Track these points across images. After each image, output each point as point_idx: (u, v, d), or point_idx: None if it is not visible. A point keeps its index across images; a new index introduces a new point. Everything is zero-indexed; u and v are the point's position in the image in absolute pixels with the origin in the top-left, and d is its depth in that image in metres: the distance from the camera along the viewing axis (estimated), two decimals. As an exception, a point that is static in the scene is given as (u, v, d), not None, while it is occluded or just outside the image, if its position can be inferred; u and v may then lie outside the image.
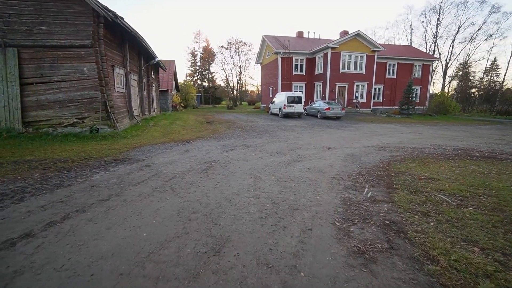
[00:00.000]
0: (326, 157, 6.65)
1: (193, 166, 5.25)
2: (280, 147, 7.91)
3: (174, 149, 7.07)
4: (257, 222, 2.90)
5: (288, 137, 10.06)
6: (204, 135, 9.91)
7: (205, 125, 13.21)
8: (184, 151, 6.82)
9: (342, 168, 5.62)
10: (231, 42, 49.42)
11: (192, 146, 7.52)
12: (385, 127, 15.08)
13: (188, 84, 36.62)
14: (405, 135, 11.54)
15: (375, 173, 5.24)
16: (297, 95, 18.66)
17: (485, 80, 40.51)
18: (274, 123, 15.12)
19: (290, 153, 6.96)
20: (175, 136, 9.24)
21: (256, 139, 9.38)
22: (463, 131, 14.31)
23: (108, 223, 2.80)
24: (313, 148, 7.91)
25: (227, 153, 6.70)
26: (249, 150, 7.14)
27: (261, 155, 6.59)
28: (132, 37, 10.25)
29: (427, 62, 29.41)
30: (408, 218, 3.07)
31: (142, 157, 5.95)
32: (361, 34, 23.05)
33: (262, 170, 5.11)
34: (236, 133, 10.75)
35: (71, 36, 7.55)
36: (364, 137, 10.78)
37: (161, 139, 8.50)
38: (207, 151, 6.91)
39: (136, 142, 7.73)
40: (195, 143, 8.14)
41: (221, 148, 7.31)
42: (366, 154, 7.29)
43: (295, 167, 5.48)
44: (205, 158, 6.07)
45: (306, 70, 26.14)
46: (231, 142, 8.42)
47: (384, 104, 28.11)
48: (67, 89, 7.78)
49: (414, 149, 8.18)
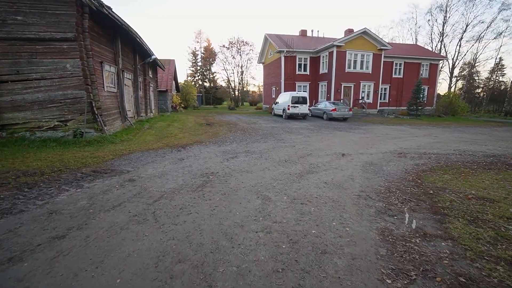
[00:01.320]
0: (343, 167, 5.71)
1: (187, 181, 4.32)
2: (288, 153, 6.99)
3: (168, 156, 6.15)
4: (271, 282, 1.97)
5: (295, 141, 9.13)
6: (203, 139, 8.99)
7: (204, 128, 12.29)
8: (178, 159, 5.89)
9: (365, 181, 4.68)
10: (233, 42, 48.53)
11: (188, 153, 6.59)
12: (396, 129, 14.12)
13: (188, 84, 35.74)
14: (421, 139, 10.58)
15: (407, 189, 4.30)
16: (302, 95, 17.72)
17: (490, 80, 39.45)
18: (278, 125, 14.19)
19: (301, 162, 6.02)
20: (171, 141, 8.32)
21: (260, 143, 8.45)
22: (481, 133, 13.33)
23: (45, 284, 1.86)
24: (325, 155, 6.98)
25: (227, 162, 5.77)
26: (253, 158, 6.21)
27: (267, 164, 5.66)
28: (124, 32, 9.36)
29: (435, 62, 28.40)
30: (490, 271, 2.13)
31: (128, 168, 5.03)
32: (368, 32, 22.08)
33: (271, 186, 4.18)
34: (238, 136, 9.83)
35: (51, 27, 6.65)
36: (377, 141, 9.83)
37: (154, 144, 7.59)
38: (205, 159, 5.98)
39: (125, 148, 6.81)
40: (192, 149, 7.22)
41: (221, 156, 6.38)
42: (387, 162, 6.36)
43: (310, 181, 4.54)
44: (202, 168, 5.14)
45: (310, 70, 25.19)
46: (232, 148, 7.50)
47: (391, 105, 27.12)
48: (47, 88, 6.88)
49: (439, 156, 7.23)
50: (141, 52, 13.19)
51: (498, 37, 35.57)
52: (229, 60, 50.63)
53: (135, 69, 12.66)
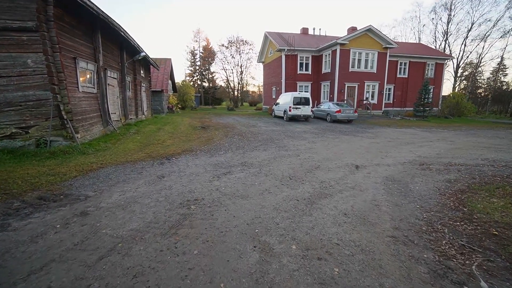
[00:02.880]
0: (360, 185, 4.60)
1: (159, 215, 3.18)
2: (292, 165, 5.87)
3: (145, 173, 5.01)
4: None
5: (299, 148, 8.02)
6: (194, 146, 7.85)
7: (198, 132, 11.15)
8: (157, 177, 4.75)
9: (395, 210, 3.57)
10: (232, 41, 47.49)
11: (172, 167, 5.45)
12: (405, 132, 13.01)
13: (185, 84, 34.57)
14: (437, 144, 9.47)
15: (457, 224, 3.19)
16: (304, 96, 16.59)
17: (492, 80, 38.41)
18: (279, 128, 13.07)
19: (309, 179, 4.90)
20: (155, 150, 7.18)
21: (259, 152, 7.33)
22: (497, 137, 12.22)
23: None
24: (336, 167, 5.87)
25: (218, 180, 4.63)
26: (251, 174, 5.08)
27: (268, 183, 4.53)
28: (105, 25, 8.22)
29: (441, 61, 27.33)
30: None
31: (88, 192, 3.90)
32: (373, 30, 20.98)
33: (273, 224, 3.05)
34: (234, 143, 8.70)
35: (5, 14, 5.50)
36: (390, 147, 8.72)
37: (134, 155, 6.45)
38: (190, 176, 4.84)
39: (97, 160, 5.67)
40: (179, 161, 6.08)
41: (211, 171, 5.24)
42: (412, 178, 5.25)
43: (325, 212, 3.42)
44: (184, 192, 4.01)
45: (312, 69, 24.08)
46: (226, 159, 6.37)
47: (395, 106, 26.03)
48: (3, 88, 5.74)
49: (468, 168, 6.13)
50: (129, 49, 12.06)
51: (505, 36, 34.51)
52: (228, 59, 49.61)
53: (122, 67, 11.52)
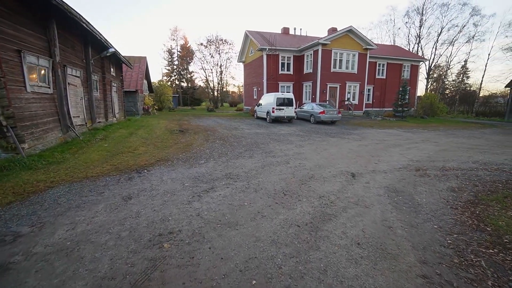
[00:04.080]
0: (364, 199, 4.05)
1: (118, 264, 2.31)
2: (283, 176, 5.20)
3: (108, 193, 4.05)
4: None
5: (287, 154, 7.40)
6: (171, 154, 6.92)
7: (176, 136, 10.13)
8: (123, 199, 3.82)
9: (413, 234, 3.02)
10: (211, 40, 46.04)
11: (143, 184, 4.52)
12: (389, 133, 12.96)
13: (163, 84, 32.82)
14: (423, 146, 9.35)
15: (489, 251, 2.70)
16: (288, 97, 16.10)
17: (458, 82, 41.01)
18: (263, 131, 12.41)
19: (305, 193, 4.25)
20: (124, 160, 6.14)
21: (244, 159, 6.58)
22: (474, 137, 12.57)
23: None
24: (331, 176, 5.31)
25: (199, 201, 3.81)
26: (238, 190, 4.32)
27: (260, 204, 3.80)
28: (62, 14, 6.98)
29: (416, 63, 28.38)
30: None
31: (22, 227, 2.91)
32: (353, 30, 21.07)
33: (273, 267, 2.32)
34: (216, 149, 7.87)
35: None
36: (379, 149, 8.41)
37: (97, 168, 5.39)
38: (164, 196, 3.97)
39: (47, 177, 4.58)
40: (151, 174, 5.14)
41: (190, 187, 4.40)
42: (414, 187, 4.82)
43: (334, 243, 2.76)
44: (156, 222, 3.16)
45: (294, 69, 23.75)
46: (208, 170, 5.54)
47: (374, 106, 26.51)
48: None
49: (465, 173, 5.89)
50: (96, 44, 10.71)
51: (470, 41, 36.80)
52: (207, 59, 48.10)
53: (88, 65, 10.18)
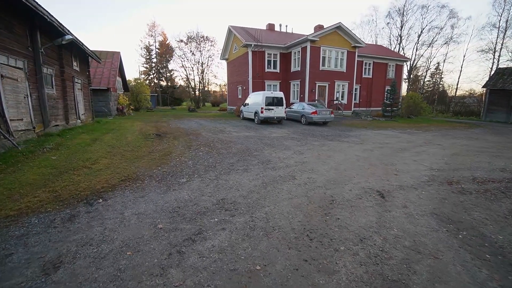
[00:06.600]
0: (420, 239, 2.78)
1: None
2: (296, 200, 3.84)
3: (21, 252, 2.41)
4: None
5: (288, 164, 6.07)
6: (142, 170, 5.29)
7: (151, 143, 8.40)
8: (42, 272, 2.23)
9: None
10: (192, 37, 43.78)
11: (90, 229, 2.91)
12: (387, 135, 12.09)
13: (140, 83, 30.27)
14: (432, 150, 8.45)
15: None
16: (278, 96, 14.82)
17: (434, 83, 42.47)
18: (253, 134, 10.99)
19: (336, 232, 2.91)
20: (73, 181, 4.43)
21: (239, 174, 5.14)
22: (471, 138, 12.07)
23: None
24: (356, 198, 4.04)
25: (179, 266, 2.30)
26: (239, 234, 2.87)
27: (280, 266, 2.38)
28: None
29: (400, 63, 28.45)
30: None
31: None
32: (342, 27, 20.29)
33: None
34: (201, 159, 6.34)
35: None
36: (388, 156, 7.34)
37: (25, 197, 3.67)
38: (119, 258, 2.41)
39: None
40: (108, 206, 3.53)
41: (165, 233, 2.85)
42: (467, 213, 3.71)
43: None
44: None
45: (281, 67, 22.58)
46: (192, 194, 4.02)
47: (361, 106, 26.10)
48: None
49: (506, 185, 4.90)
50: (47, 29, 8.68)
51: (447, 42, 37.92)
52: (188, 56, 45.71)
53: (36, 54, 8.17)
